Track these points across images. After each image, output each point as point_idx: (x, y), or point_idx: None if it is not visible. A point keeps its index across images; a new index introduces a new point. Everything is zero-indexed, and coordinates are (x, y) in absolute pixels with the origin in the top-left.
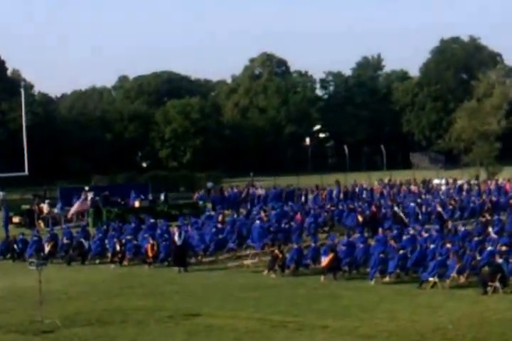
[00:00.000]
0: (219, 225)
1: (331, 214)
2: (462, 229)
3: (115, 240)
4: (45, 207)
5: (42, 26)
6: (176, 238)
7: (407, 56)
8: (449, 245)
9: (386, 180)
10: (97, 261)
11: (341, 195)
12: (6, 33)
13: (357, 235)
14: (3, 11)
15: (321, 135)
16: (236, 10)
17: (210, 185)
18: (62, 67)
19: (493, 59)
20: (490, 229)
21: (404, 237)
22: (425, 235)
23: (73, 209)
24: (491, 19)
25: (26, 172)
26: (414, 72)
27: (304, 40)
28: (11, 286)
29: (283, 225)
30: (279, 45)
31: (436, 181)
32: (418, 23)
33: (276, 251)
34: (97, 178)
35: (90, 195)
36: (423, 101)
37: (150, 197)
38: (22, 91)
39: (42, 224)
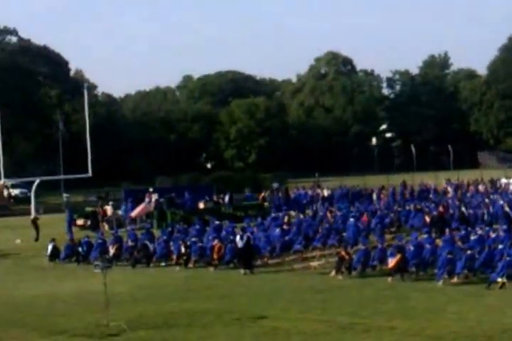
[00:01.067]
0: (285, 226)
1: (397, 215)
2: None
3: (180, 242)
4: (109, 209)
5: (107, 26)
6: (238, 240)
7: (474, 54)
8: None
9: (454, 180)
10: (162, 264)
11: (407, 195)
12: (69, 33)
13: (424, 236)
14: (66, 11)
15: (388, 134)
16: (299, 8)
17: (275, 185)
18: (126, 67)
19: None
20: None
21: (472, 238)
22: (493, 235)
23: (137, 211)
24: None
25: (90, 173)
26: (481, 70)
27: (370, 38)
28: (76, 289)
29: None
30: (344, 44)
31: (504, 180)
32: (485, 21)
33: (343, 253)
34: (161, 179)
35: (154, 197)
36: (491, 100)
37: (215, 198)
38: (85, 92)
39: (106, 227)
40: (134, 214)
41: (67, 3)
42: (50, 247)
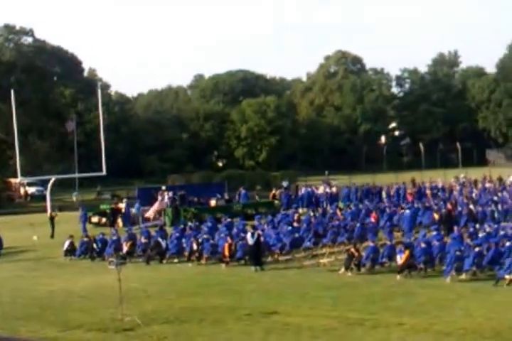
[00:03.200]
0: (295, 224)
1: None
2: None
3: (192, 239)
4: (123, 207)
5: (119, 26)
6: (249, 238)
7: (483, 52)
8: None
9: (462, 178)
10: (175, 260)
11: (413, 193)
12: (83, 32)
13: (433, 233)
14: (79, 10)
15: (396, 133)
16: (309, 8)
17: (285, 183)
18: (138, 66)
19: None
20: None
21: (480, 235)
22: (501, 233)
23: (152, 209)
24: None
25: (104, 172)
26: (490, 68)
27: (379, 36)
28: (91, 285)
29: (358, 224)
30: (354, 42)
31: None
32: (494, 18)
33: (352, 250)
34: (173, 178)
35: (169, 195)
36: (499, 98)
37: (226, 196)
38: (99, 91)
39: (120, 224)
40: (148, 214)
41: (81, 3)
42: (67, 243)
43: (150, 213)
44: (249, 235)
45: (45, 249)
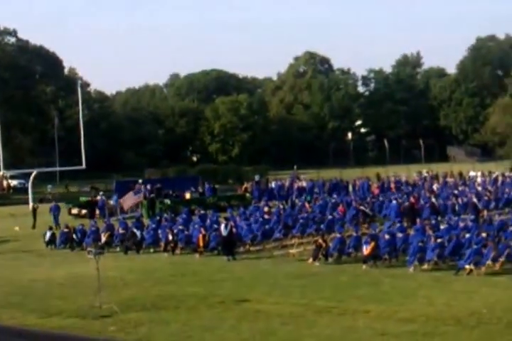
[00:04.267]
0: (265, 216)
1: (371, 205)
2: (498, 218)
3: (167, 230)
4: (99, 199)
5: (99, 27)
6: (222, 229)
7: (444, 54)
8: (484, 234)
9: (425, 173)
10: (151, 250)
11: (378, 187)
12: (64, 32)
13: (397, 225)
14: (61, 9)
15: (362, 130)
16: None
17: (257, 177)
18: (117, 66)
19: None
20: None
21: (442, 227)
22: (461, 225)
23: (128, 201)
24: None
25: (84, 166)
26: (451, 69)
27: (346, 38)
28: (70, 274)
29: (330, 216)
30: (322, 44)
31: (472, 173)
32: (456, 22)
33: (320, 241)
34: (150, 171)
35: (143, 188)
36: (460, 97)
37: (200, 189)
38: (79, 89)
39: (98, 215)
40: (125, 206)
41: (63, 4)
42: (48, 234)
43: (126, 206)
44: (222, 226)
45: (26, 239)
